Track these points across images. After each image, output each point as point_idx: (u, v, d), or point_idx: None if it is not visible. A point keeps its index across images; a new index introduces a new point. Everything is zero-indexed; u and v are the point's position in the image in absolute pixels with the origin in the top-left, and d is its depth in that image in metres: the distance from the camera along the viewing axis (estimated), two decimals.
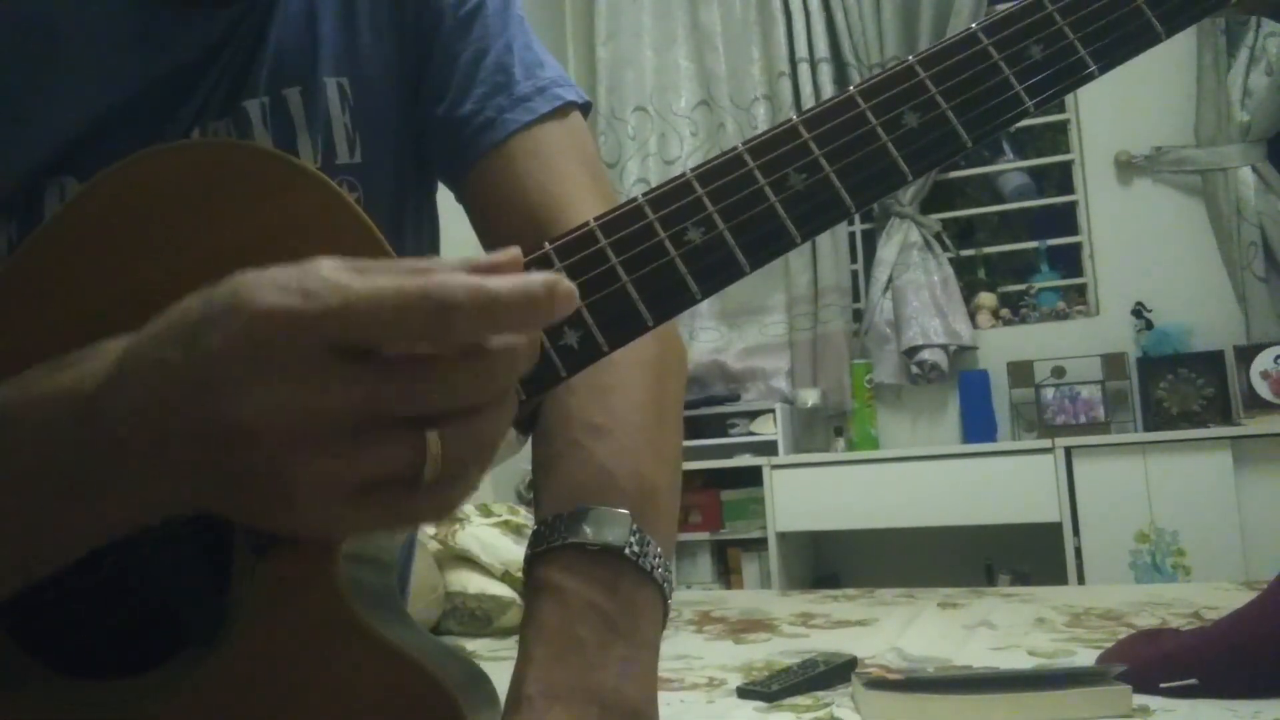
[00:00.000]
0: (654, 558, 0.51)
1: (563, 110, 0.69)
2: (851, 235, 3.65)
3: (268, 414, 0.32)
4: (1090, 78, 0.47)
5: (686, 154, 3.73)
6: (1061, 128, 3.48)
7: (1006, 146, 3.62)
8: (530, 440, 0.58)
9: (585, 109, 0.72)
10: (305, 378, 0.32)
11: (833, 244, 3.49)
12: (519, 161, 0.66)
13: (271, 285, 0.32)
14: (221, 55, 0.65)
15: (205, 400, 0.33)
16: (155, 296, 0.39)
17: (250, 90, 0.65)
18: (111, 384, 0.37)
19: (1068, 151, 3.44)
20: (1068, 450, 2.93)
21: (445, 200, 0.74)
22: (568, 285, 0.33)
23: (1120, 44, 0.47)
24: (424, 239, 0.74)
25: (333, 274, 0.32)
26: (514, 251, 0.36)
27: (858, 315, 3.57)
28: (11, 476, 0.39)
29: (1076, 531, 2.89)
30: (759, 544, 3.23)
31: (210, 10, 0.64)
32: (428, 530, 2.13)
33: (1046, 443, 2.97)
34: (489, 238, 0.68)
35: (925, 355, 3.30)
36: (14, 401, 0.40)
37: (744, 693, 1.31)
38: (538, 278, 0.33)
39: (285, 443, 0.33)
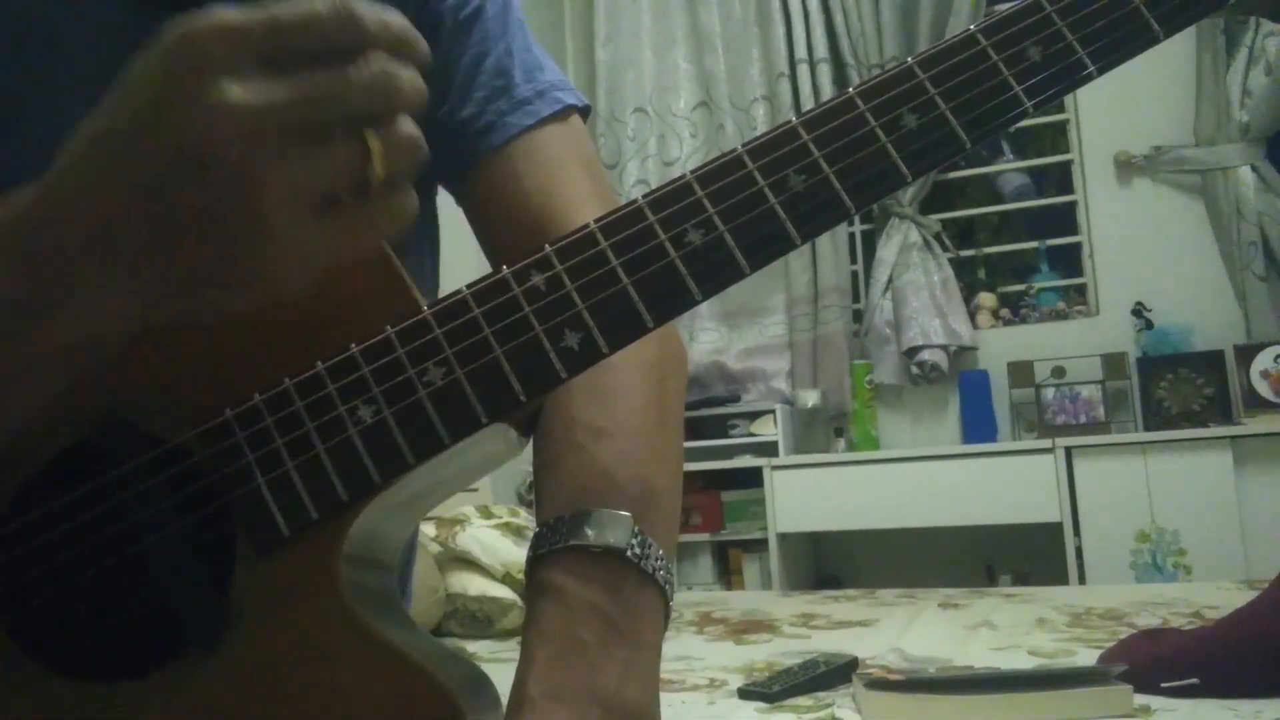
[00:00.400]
0: (655, 560, 0.51)
1: (563, 114, 0.69)
2: (851, 236, 3.65)
3: (220, 126, 0.34)
4: (1089, 78, 0.47)
5: (686, 155, 3.73)
6: (1061, 128, 3.48)
7: (1006, 147, 3.62)
8: (531, 442, 0.58)
9: (585, 112, 0.72)
10: (247, 81, 0.35)
11: (832, 245, 3.49)
12: (519, 165, 0.66)
13: (197, 18, 0.35)
14: None
15: (161, 139, 0.35)
16: None
17: None
18: (47, 190, 0.38)
19: (1067, 151, 3.44)
20: (1068, 450, 2.93)
21: (445, 202, 0.73)
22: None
23: (1119, 45, 0.47)
24: (424, 242, 0.74)
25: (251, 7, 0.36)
26: None
27: (858, 316, 3.57)
28: None
29: (1077, 531, 2.89)
30: (760, 545, 3.23)
31: None
32: (428, 533, 2.13)
33: (1047, 443, 2.97)
34: (489, 241, 0.68)
35: (925, 355, 3.30)
36: None
37: (745, 694, 1.31)
38: None
39: (245, 153, 0.35)
